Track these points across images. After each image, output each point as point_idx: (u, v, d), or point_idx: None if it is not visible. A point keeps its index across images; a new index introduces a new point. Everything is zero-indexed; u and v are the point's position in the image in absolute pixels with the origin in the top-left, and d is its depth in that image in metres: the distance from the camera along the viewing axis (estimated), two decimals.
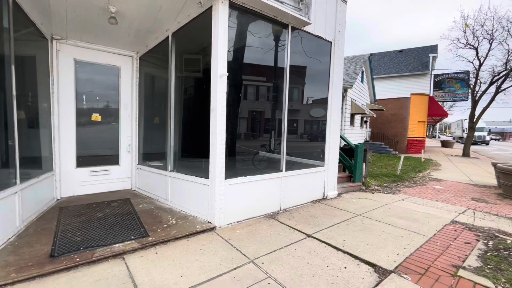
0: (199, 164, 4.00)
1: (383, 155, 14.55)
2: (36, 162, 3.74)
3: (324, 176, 5.03)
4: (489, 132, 42.38)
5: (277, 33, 4.12)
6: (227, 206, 3.53)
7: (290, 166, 4.55)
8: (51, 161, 4.10)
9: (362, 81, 14.86)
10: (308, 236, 3.31)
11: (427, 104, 17.75)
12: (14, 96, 2.94)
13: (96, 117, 4.57)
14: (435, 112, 19.06)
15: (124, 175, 4.95)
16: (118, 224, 3.37)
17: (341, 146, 6.79)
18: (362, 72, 14.78)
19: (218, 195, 3.44)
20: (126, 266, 2.52)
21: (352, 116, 13.66)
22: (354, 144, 6.21)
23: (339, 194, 5.39)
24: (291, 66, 4.25)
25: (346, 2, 5.15)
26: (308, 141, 5.19)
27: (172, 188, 4.15)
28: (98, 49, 4.50)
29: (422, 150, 14.35)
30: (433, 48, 25.06)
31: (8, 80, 2.87)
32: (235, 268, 2.52)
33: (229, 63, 3.46)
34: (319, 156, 5.04)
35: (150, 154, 4.98)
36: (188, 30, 3.85)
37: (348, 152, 6.45)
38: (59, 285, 2.19)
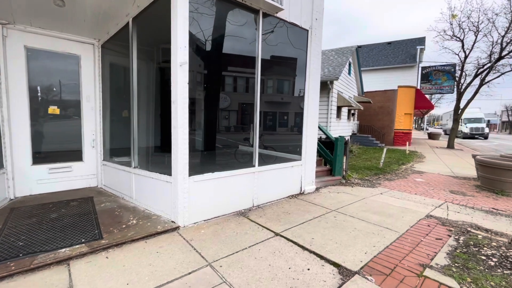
0: (166, 160, 3.76)
1: (370, 148, 14.58)
2: None
3: (301, 170, 4.87)
4: (488, 124, 36.09)
5: (247, 20, 3.85)
6: (192, 204, 3.32)
7: (265, 160, 4.36)
8: (1, 158, 3.76)
9: (349, 73, 14.71)
10: (276, 234, 3.15)
11: (414, 97, 17.84)
12: None
13: (53, 110, 4.22)
14: (422, 105, 19.23)
15: (89, 172, 4.65)
16: (72, 225, 3.11)
17: (322, 139, 6.65)
18: (350, 64, 14.62)
19: (181, 193, 3.21)
20: (69, 273, 2.29)
21: (339, 108, 13.55)
22: (334, 137, 6.06)
23: (317, 189, 5.26)
24: (264, 56, 4.01)
25: None
26: (284, 135, 5.01)
27: (136, 186, 3.90)
28: (53, 36, 4.11)
29: (407, 142, 14.45)
30: (421, 40, 25.13)
31: None
32: (189, 273, 2.33)
33: (193, 51, 3.20)
34: (296, 150, 4.86)
35: (117, 150, 4.68)
36: (149, 15, 3.54)
37: (329, 145, 6.31)
38: None
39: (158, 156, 4.28)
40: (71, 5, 3.39)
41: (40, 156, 4.18)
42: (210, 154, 4.55)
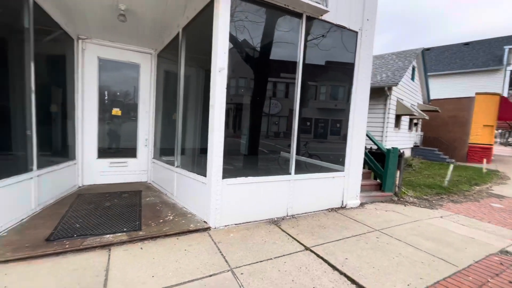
0: (204, 161, 3.92)
1: (435, 163, 12.75)
2: (57, 151, 4.10)
3: (343, 182, 4.50)
4: None
5: (289, 24, 3.78)
6: (224, 206, 3.36)
7: (308, 169, 4.20)
8: (74, 151, 4.47)
9: (412, 79, 13.23)
10: (306, 248, 2.95)
11: (498, 106, 14.95)
12: (33, 90, 3.21)
13: (116, 111, 4.86)
14: (509, 116, 15.98)
15: (141, 168, 5.17)
16: (119, 215, 3.47)
17: (373, 150, 6.08)
18: (413, 69, 13.15)
19: (214, 194, 3.29)
20: (108, 258, 2.54)
21: (398, 117, 12.25)
22: (386, 148, 5.46)
23: (361, 204, 4.79)
24: (306, 60, 3.88)
25: None
26: (327, 143, 4.73)
27: (177, 184, 4.15)
28: (119, 47, 4.76)
29: (485, 159, 12.15)
30: (510, 39, 21.09)
31: (27, 76, 3.15)
32: (210, 275, 2.34)
33: (233, 57, 3.28)
34: (339, 159, 4.53)
35: (165, 149, 5.09)
36: (195, 24, 3.78)
37: (380, 157, 5.72)
38: (42, 269, 2.29)
39: (200, 157, 4.50)
40: (132, 20, 3.86)
41: (103, 151, 4.84)
42: (251, 158, 4.59)
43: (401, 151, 5.64)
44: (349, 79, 4.42)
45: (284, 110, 4.36)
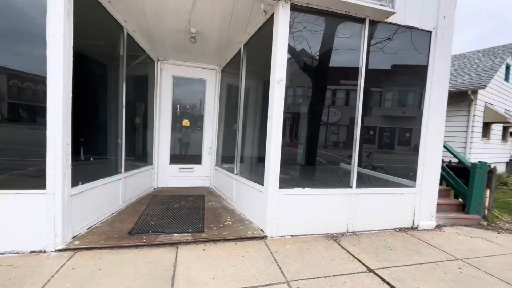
0: (262, 170, 4.03)
1: None
2: (139, 157, 4.80)
3: (415, 199, 4.00)
4: None
5: (350, 30, 3.65)
6: (280, 216, 3.37)
7: (365, 181, 3.90)
8: (152, 157, 5.16)
9: (506, 79, 11.02)
10: (370, 270, 2.70)
11: None
12: (124, 105, 3.88)
13: (186, 122, 5.44)
14: None
15: (205, 174, 5.61)
16: (185, 216, 3.82)
17: (452, 163, 5.26)
18: (507, 67, 10.97)
19: (270, 203, 3.34)
20: (176, 255, 2.81)
21: (487, 125, 10.32)
22: (471, 163, 4.64)
23: (438, 226, 4.15)
24: (369, 65, 3.67)
25: None
26: (392, 154, 4.31)
27: (236, 190, 4.35)
28: (190, 66, 5.36)
29: None
30: None
31: (120, 94, 3.83)
32: (266, 285, 2.36)
33: (291, 67, 3.34)
34: (408, 173, 4.06)
35: (226, 157, 5.42)
36: (256, 39, 3.98)
37: (462, 172, 4.89)
38: (125, 258, 2.68)
39: (258, 165, 4.63)
40: (201, 41, 4.32)
41: (174, 158, 5.45)
42: (308, 169, 4.51)
43: (492, 165, 4.71)
44: (421, 83, 3.97)
45: (344, 118, 4.17)
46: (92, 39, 3.44)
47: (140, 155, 4.86)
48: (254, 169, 4.46)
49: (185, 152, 5.69)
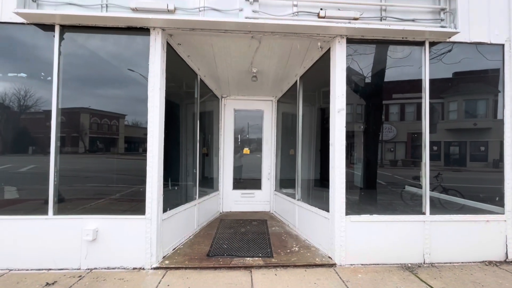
0: (325, 195, 4.09)
1: None
2: (208, 184, 5.34)
3: (505, 228, 3.54)
4: None
5: (410, 52, 3.66)
6: (349, 243, 3.36)
7: (436, 205, 3.63)
8: (218, 184, 5.67)
9: None
10: None
11: None
12: (198, 140, 4.48)
13: (246, 150, 5.90)
14: None
15: (265, 198, 5.87)
16: (253, 240, 4.06)
17: None
18: None
19: (338, 231, 3.37)
20: (251, 278, 3.03)
21: None
22: None
23: None
24: (431, 85, 3.59)
25: None
26: (464, 171, 3.92)
27: (299, 216, 4.46)
28: (248, 99, 5.91)
29: None
30: None
31: (195, 130, 4.46)
32: None
33: (351, 94, 3.48)
34: (492, 196, 3.65)
35: (285, 182, 5.62)
36: (312, 72, 4.26)
37: None
38: (207, 279, 3.00)
39: (317, 190, 4.69)
40: (260, 77, 4.80)
41: (236, 184, 5.88)
42: (370, 192, 4.39)
43: None
44: (492, 97, 3.67)
45: (401, 134, 3.98)
46: (174, 86, 4.18)
47: (208, 182, 5.40)
48: (316, 194, 4.54)
49: (245, 177, 6.10)
